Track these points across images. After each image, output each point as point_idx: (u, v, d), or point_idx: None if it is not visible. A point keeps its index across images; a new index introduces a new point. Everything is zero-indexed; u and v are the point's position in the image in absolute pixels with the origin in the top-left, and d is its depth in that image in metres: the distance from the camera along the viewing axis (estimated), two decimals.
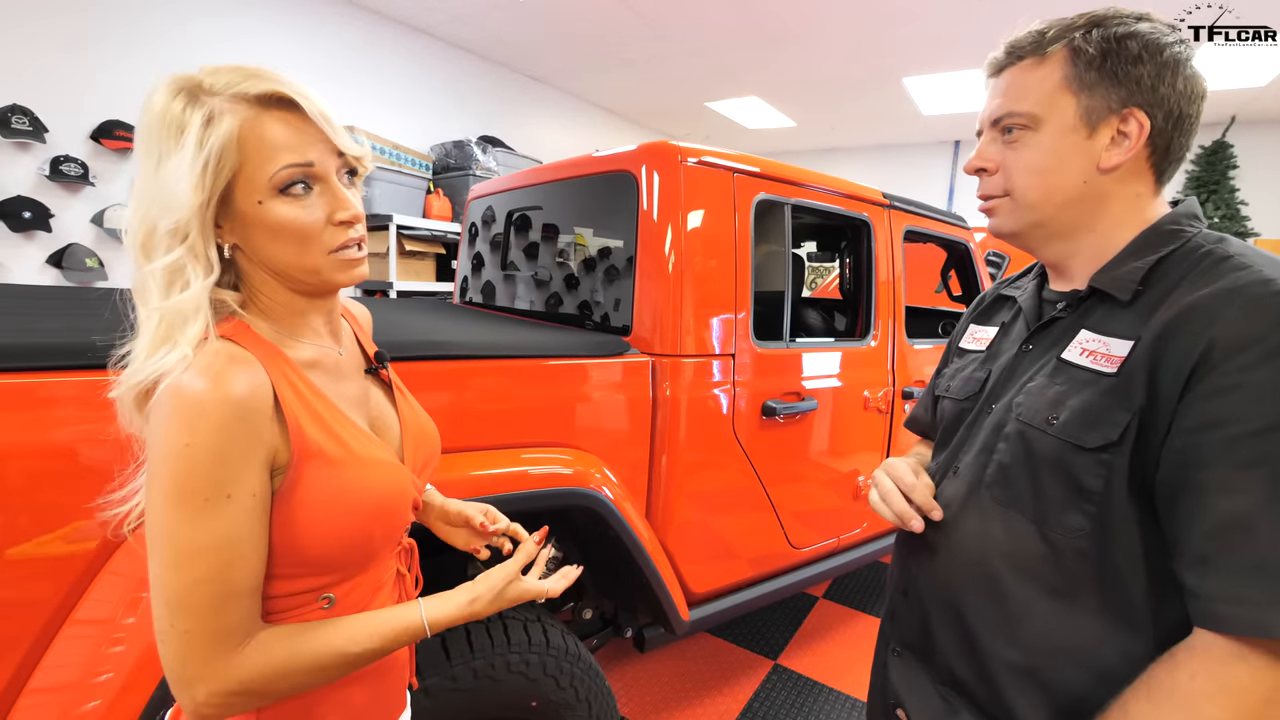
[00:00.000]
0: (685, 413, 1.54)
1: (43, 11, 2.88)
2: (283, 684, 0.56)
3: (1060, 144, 0.66)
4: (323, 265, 0.60)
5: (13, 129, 2.78)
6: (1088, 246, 0.69)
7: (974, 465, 0.73)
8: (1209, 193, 5.60)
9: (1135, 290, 0.64)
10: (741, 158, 1.66)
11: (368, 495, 0.62)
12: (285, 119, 0.57)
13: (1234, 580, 0.52)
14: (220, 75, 0.56)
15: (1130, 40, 0.63)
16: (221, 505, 0.53)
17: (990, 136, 0.72)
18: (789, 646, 2.39)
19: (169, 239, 0.54)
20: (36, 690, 0.82)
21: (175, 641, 0.52)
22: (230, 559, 0.53)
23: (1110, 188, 0.66)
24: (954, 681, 0.74)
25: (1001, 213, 0.72)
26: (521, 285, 2.12)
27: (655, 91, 5.88)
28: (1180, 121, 0.64)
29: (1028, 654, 0.66)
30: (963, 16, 3.93)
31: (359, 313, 0.82)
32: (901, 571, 0.84)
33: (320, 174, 0.58)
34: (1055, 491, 0.64)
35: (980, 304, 0.93)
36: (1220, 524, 0.53)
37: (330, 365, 0.67)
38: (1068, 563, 0.64)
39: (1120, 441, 0.59)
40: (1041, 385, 0.68)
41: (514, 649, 1.20)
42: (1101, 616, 0.62)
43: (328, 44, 3.96)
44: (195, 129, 0.53)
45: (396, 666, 0.75)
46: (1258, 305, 0.54)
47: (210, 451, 0.52)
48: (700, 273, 1.56)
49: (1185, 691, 0.54)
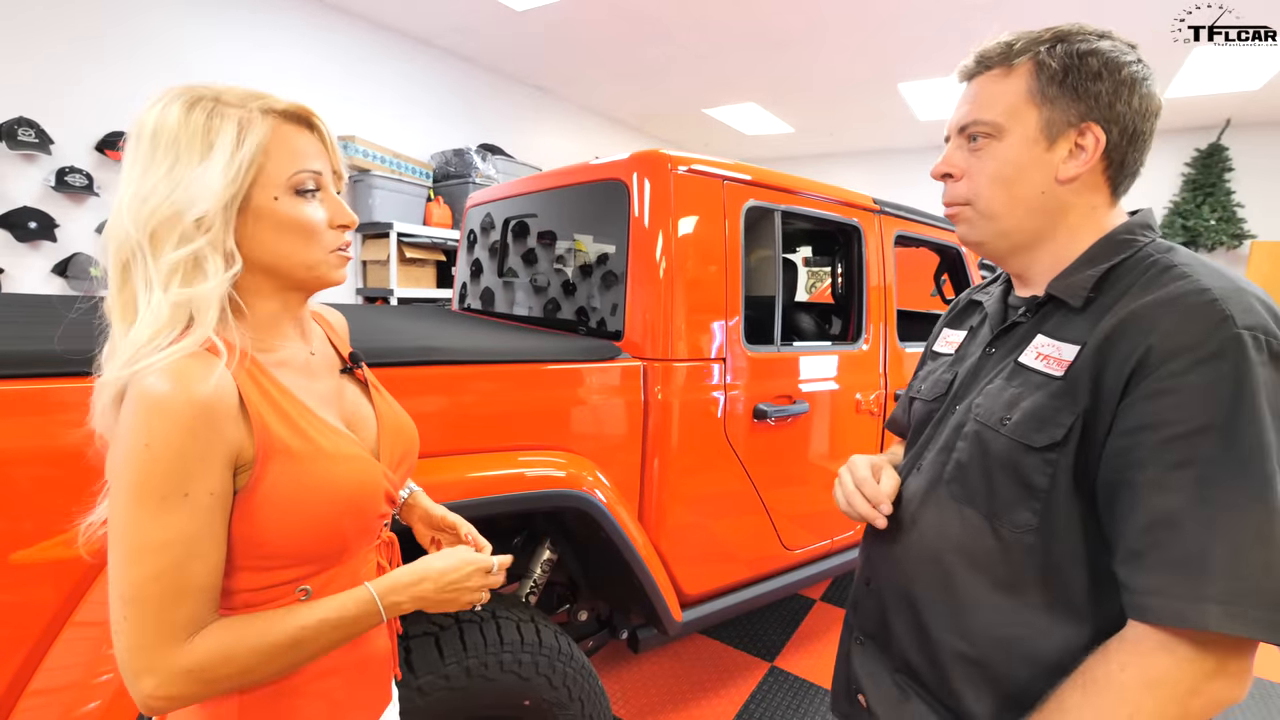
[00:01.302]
0: (676, 416, 1.56)
1: (47, 25, 2.94)
2: (228, 669, 0.57)
3: (1021, 155, 0.69)
4: (321, 261, 0.66)
5: (19, 140, 2.82)
6: (1047, 255, 0.72)
7: (935, 463, 0.76)
8: (1205, 195, 5.61)
9: (1087, 297, 0.67)
10: (731, 165, 1.69)
11: (336, 489, 0.64)
12: (301, 131, 0.65)
13: (1160, 574, 0.55)
14: (235, 93, 0.62)
15: (1092, 57, 0.66)
16: (178, 504, 0.54)
17: (957, 143, 0.75)
18: (786, 648, 2.40)
19: (192, 230, 0.58)
20: (37, 692, 0.84)
21: (126, 635, 0.54)
22: (185, 556, 0.55)
23: (1068, 198, 0.69)
24: (908, 670, 0.77)
25: (965, 220, 0.75)
26: (518, 291, 2.15)
27: (653, 99, 5.93)
28: (1135, 137, 0.67)
29: (975, 644, 0.69)
30: (957, 23, 3.97)
31: (333, 318, 0.85)
32: (865, 563, 0.87)
33: (324, 183, 0.66)
34: (1006, 489, 0.66)
35: (954, 309, 0.96)
36: (1151, 521, 0.56)
37: (300, 364, 0.69)
38: (1015, 557, 0.66)
39: (1065, 442, 0.62)
40: (999, 387, 0.71)
41: (507, 648, 1.22)
42: (1045, 610, 0.65)
43: (331, 55, 4.01)
44: (230, 132, 0.59)
45: (378, 659, 0.76)
46: (1192, 314, 0.57)
47: (170, 452, 0.54)
48: (691, 278, 1.58)
49: (1116, 682, 0.56)
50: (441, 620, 1.20)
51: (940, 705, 0.73)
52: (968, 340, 0.85)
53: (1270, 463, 0.53)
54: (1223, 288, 0.58)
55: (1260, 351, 0.55)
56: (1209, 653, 0.54)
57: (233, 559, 0.61)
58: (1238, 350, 0.54)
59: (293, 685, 0.66)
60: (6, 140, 2.80)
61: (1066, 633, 0.64)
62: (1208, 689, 0.54)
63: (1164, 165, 5.94)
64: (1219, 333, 0.55)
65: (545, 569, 1.57)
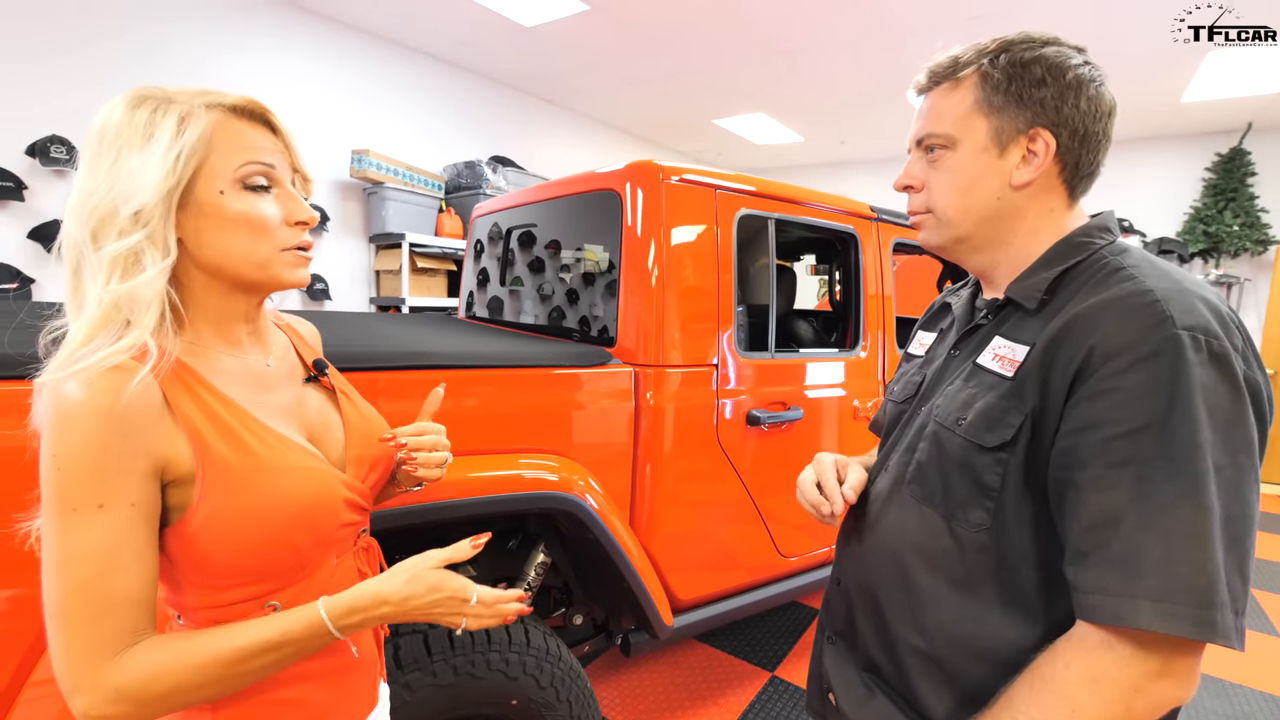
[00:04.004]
0: (668, 422, 1.58)
1: (76, 43, 3.08)
2: (160, 688, 0.53)
3: (974, 163, 0.70)
4: (273, 260, 0.63)
5: (51, 157, 2.96)
6: (1006, 258, 0.73)
7: (899, 463, 0.78)
8: (1228, 200, 5.49)
9: (1041, 299, 0.68)
10: (723, 175, 1.72)
11: (283, 503, 0.61)
12: (254, 127, 0.63)
13: (1100, 573, 0.56)
14: (185, 91, 0.61)
15: (1035, 65, 0.67)
16: (92, 515, 0.52)
17: (916, 156, 0.77)
18: (787, 658, 2.39)
19: (129, 224, 0.56)
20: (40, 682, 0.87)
21: (56, 650, 0.52)
22: (105, 569, 0.53)
23: (1023, 203, 0.70)
24: (873, 667, 0.78)
25: (927, 227, 0.77)
26: (521, 300, 2.19)
27: (662, 110, 5.98)
28: (1086, 139, 0.68)
29: (931, 641, 0.70)
30: (967, 32, 3.96)
31: (303, 328, 0.83)
32: (836, 563, 0.89)
33: (279, 179, 0.64)
34: (961, 489, 0.68)
35: (929, 311, 0.98)
36: (1094, 521, 0.57)
37: (253, 376, 0.67)
38: (970, 556, 0.67)
39: (1014, 441, 0.64)
40: (957, 388, 0.72)
41: (494, 647, 1.24)
42: (998, 608, 0.66)
43: (346, 72, 4.13)
44: (169, 125, 0.57)
45: (361, 664, 0.74)
46: (1133, 314, 0.58)
47: (78, 464, 0.52)
48: (683, 286, 1.61)
49: (1061, 680, 0.57)
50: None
51: (903, 701, 0.74)
52: (937, 342, 0.87)
53: (1204, 461, 0.53)
54: (1166, 289, 0.59)
55: (1199, 352, 0.55)
56: (1152, 652, 0.54)
57: (181, 576, 0.60)
58: (1175, 351, 0.55)
59: (267, 692, 0.65)
60: (40, 157, 2.93)
61: (1019, 631, 0.65)
62: (1151, 688, 0.55)
63: (1183, 170, 5.83)
64: (1157, 333, 0.56)
65: (539, 572, 1.59)
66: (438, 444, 0.79)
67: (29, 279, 2.98)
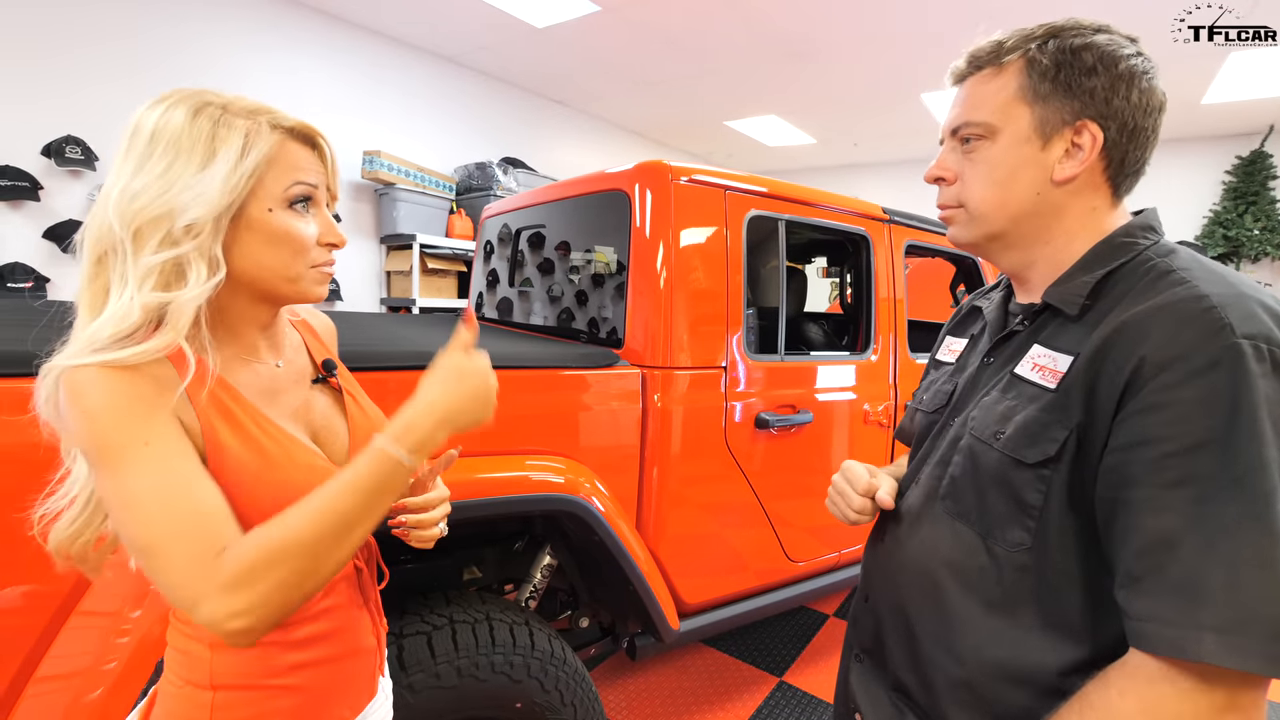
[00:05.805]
0: (676, 424, 1.57)
1: (91, 44, 3.12)
2: (271, 563, 0.55)
3: (1014, 155, 0.66)
4: (304, 276, 0.66)
5: (66, 158, 2.99)
6: (1044, 259, 0.69)
7: (931, 476, 0.74)
8: (1248, 204, 5.40)
9: (1083, 305, 0.63)
10: (733, 175, 1.70)
11: (285, 499, 0.61)
12: (304, 150, 0.66)
13: (1156, 600, 0.52)
14: (242, 104, 0.63)
15: (1085, 52, 0.63)
16: (141, 452, 0.55)
17: (950, 146, 0.72)
18: (796, 663, 2.36)
19: (181, 235, 0.57)
20: (45, 679, 0.87)
21: (166, 583, 0.54)
22: (173, 492, 0.55)
23: (1064, 200, 0.66)
24: (902, 688, 0.74)
25: (958, 223, 0.72)
26: (530, 301, 2.18)
27: (675, 112, 5.98)
28: (1135, 134, 0.64)
29: (964, 665, 0.66)
30: (981, 32, 3.91)
31: (318, 323, 0.85)
32: (864, 578, 0.84)
33: (319, 199, 0.68)
34: (999, 505, 0.64)
35: (957, 315, 0.93)
36: (1148, 543, 0.53)
37: (263, 382, 0.69)
38: (1008, 576, 0.63)
39: (1058, 458, 0.59)
40: (994, 399, 0.68)
41: (498, 649, 1.23)
42: (1039, 631, 0.62)
43: (358, 74, 4.16)
44: (236, 143, 0.60)
45: (360, 653, 0.75)
46: (1186, 322, 0.54)
47: (113, 410, 0.54)
48: (692, 287, 1.59)
49: (1115, 710, 0.53)
50: (434, 620, 1.22)
51: None
52: (968, 349, 0.82)
53: (1271, 481, 0.49)
54: (1222, 294, 0.54)
55: (1261, 362, 0.51)
56: (1216, 685, 0.50)
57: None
58: (1235, 361, 0.51)
59: (266, 679, 0.66)
60: (55, 157, 2.97)
61: (1063, 655, 0.60)
62: None
63: (1203, 173, 5.74)
64: (1215, 342, 0.52)
65: (545, 574, 1.58)
66: (438, 519, 0.79)
67: (44, 278, 3.02)
